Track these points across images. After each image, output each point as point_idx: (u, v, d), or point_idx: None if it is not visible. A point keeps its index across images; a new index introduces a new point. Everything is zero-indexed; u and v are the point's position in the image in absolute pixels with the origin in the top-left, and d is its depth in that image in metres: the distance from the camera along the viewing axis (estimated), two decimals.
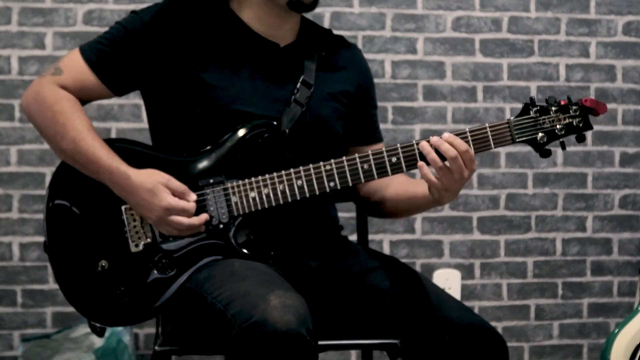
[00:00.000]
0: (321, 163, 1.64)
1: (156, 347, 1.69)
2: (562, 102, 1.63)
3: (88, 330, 2.68)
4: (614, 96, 3.12)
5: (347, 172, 1.64)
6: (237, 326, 1.41)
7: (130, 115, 2.91)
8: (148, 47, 1.70)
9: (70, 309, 2.21)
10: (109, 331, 2.65)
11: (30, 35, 2.87)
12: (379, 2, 3.00)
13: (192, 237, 1.66)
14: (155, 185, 1.61)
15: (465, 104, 3.05)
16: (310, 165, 1.64)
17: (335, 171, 1.64)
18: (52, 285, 2.89)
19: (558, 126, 1.62)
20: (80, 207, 1.70)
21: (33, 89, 1.73)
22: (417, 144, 1.61)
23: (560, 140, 1.63)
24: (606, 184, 3.13)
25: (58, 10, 2.88)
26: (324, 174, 1.64)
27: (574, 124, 1.63)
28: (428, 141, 1.60)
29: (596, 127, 3.10)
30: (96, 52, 1.72)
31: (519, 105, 3.09)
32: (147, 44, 1.70)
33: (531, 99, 1.63)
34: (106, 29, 1.78)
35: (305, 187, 1.64)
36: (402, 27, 3.02)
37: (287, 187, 1.64)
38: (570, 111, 1.62)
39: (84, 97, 1.74)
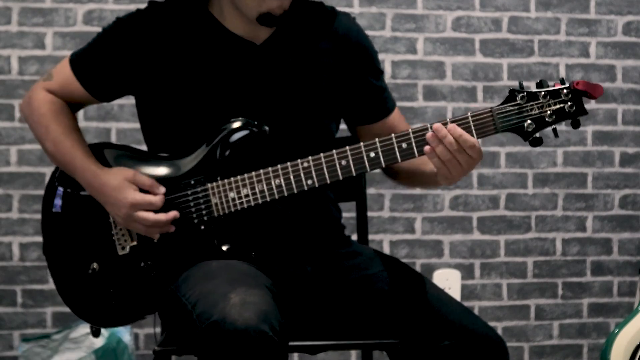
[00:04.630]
0: (299, 160, 1.60)
1: (156, 347, 1.69)
2: (557, 85, 1.52)
3: (88, 330, 2.68)
4: (614, 96, 3.12)
5: (325, 169, 1.59)
6: (199, 326, 1.41)
7: (130, 115, 2.91)
8: (126, 52, 1.71)
9: None
10: (109, 331, 2.65)
11: (30, 35, 2.87)
12: (379, 2, 3.00)
13: (174, 239, 1.66)
14: (121, 182, 1.64)
15: (465, 104, 3.05)
16: (288, 163, 1.61)
17: (312, 168, 1.60)
18: (52, 285, 2.87)
19: (548, 112, 1.52)
20: (73, 211, 1.74)
21: (28, 93, 1.81)
22: (396, 137, 1.56)
23: (552, 127, 1.54)
24: (606, 184, 3.13)
25: (58, 10, 2.88)
26: (301, 172, 1.60)
27: (566, 109, 1.52)
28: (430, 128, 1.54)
29: (596, 127, 3.10)
30: (80, 59, 1.76)
31: None
32: (127, 49, 1.71)
33: (520, 84, 1.53)
34: None
35: (284, 185, 1.61)
36: (402, 27, 3.02)
37: (265, 187, 1.61)
38: (562, 95, 1.51)
39: (71, 102, 1.79)
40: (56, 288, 1.75)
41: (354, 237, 2.02)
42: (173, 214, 1.63)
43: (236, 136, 1.66)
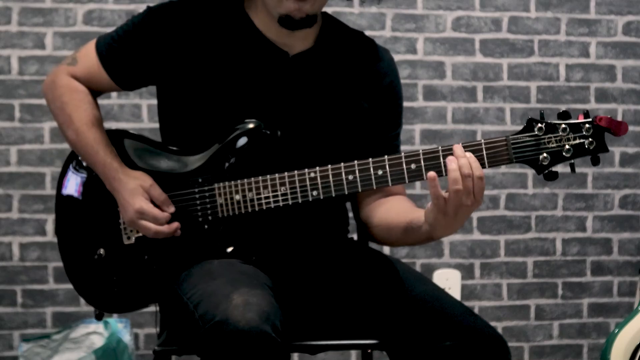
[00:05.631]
0: (306, 170, 1.58)
1: (156, 347, 1.69)
2: (580, 117, 1.44)
3: (88, 330, 2.69)
4: (614, 96, 3.12)
5: (331, 182, 1.56)
6: (203, 326, 1.41)
7: (130, 115, 2.91)
8: (154, 42, 1.70)
9: (70, 309, 2.20)
10: (109, 331, 2.65)
11: (30, 35, 2.87)
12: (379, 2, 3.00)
13: (179, 235, 1.67)
14: (136, 188, 1.66)
15: (465, 104, 3.05)
16: (295, 172, 1.59)
17: (319, 180, 1.57)
18: (52, 285, 2.89)
19: (566, 146, 1.45)
20: (85, 195, 1.76)
21: (50, 77, 1.80)
22: (405, 157, 1.52)
23: (570, 162, 1.47)
24: (606, 184, 3.13)
25: (58, 10, 2.88)
26: (307, 182, 1.58)
27: (585, 145, 1.45)
28: (450, 152, 1.46)
29: None
30: (107, 45, 1.75)
31: (519, 105, 3.10)
32: (154, 39, 1.70)
33: (541, 113, 1.46)
34: (106, 29, 1.80)
35: (289, 194, 1.59)
36: (402, 27, 3.02)
37: (270, 193, 1.60)
38: (583, 130, 1.44)
39: (94, 89, 1.78)
40: (64, 268, 1.78)
41: (354, 237, 2.02)
42: (174, 225, 1.65)
43: (243, 140, 1.66)
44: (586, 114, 1.45)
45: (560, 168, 1.47)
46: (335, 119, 1.73)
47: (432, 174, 1.45)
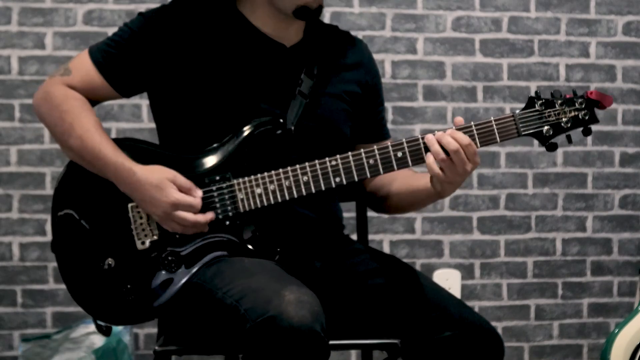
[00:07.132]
0: (327, 158, 1.64)
1: (156, 347, 1.69)
2: (568, 96, 1.64)
3: (88, 330, 2.68)
4: (614, 96, 3.11)
5: (353, 168, 1.64)
6: (251, 321, 1.42)
7: (130, 115, 2.92)
8: (153, 48, 1.70)
9: (70, 309, 2.20)
10: None
11: (30, 35, 2.87)
12: (379, 2, 3.00)
13: (197, 234, 1.66)
14: (162, 181, 1.62)
15: (465, 104, 3.05)
16: (316, 161, 1.64)
17: (341, 166, 1.64)
18: (52, 285, 2.89)
19: (564, 119, 1.64)
20: (86, 206, 1.70)
21: (43, 89, 1.76)
22: (423, 138, 1.63)
23: (567, 133, 1.65)
24: (606, 184, 3.13)
25: (58, 10, 2.88)
26: (329, 169, 1.64)
27: (580, 117, 1.64)
28: (434, 134, 1.62)
29: (596, 127, 3.09)
30: (103, 54, 1.74)
31: (519, 105, 3.08)
32: (153, 45, 1.70)
33: (536, 92, 1.65)
34: (106, 29, 1.80)
35: (311, 182, 1.64)
36: (402, 27, 3.02)
37: (292, 183, 1.64)
38: (576, 104, 1.64)
39: (92, 98, 1.76)
40: (66, 286, 1.71)
41: (354, 237, 2.02)
42: (210, 215, 1.64)
43: (262, 134, 1.68)
44: (575, 93, 1.65)
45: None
46: (338, 106, 1.80)
47: (428, 154, 1.62)
